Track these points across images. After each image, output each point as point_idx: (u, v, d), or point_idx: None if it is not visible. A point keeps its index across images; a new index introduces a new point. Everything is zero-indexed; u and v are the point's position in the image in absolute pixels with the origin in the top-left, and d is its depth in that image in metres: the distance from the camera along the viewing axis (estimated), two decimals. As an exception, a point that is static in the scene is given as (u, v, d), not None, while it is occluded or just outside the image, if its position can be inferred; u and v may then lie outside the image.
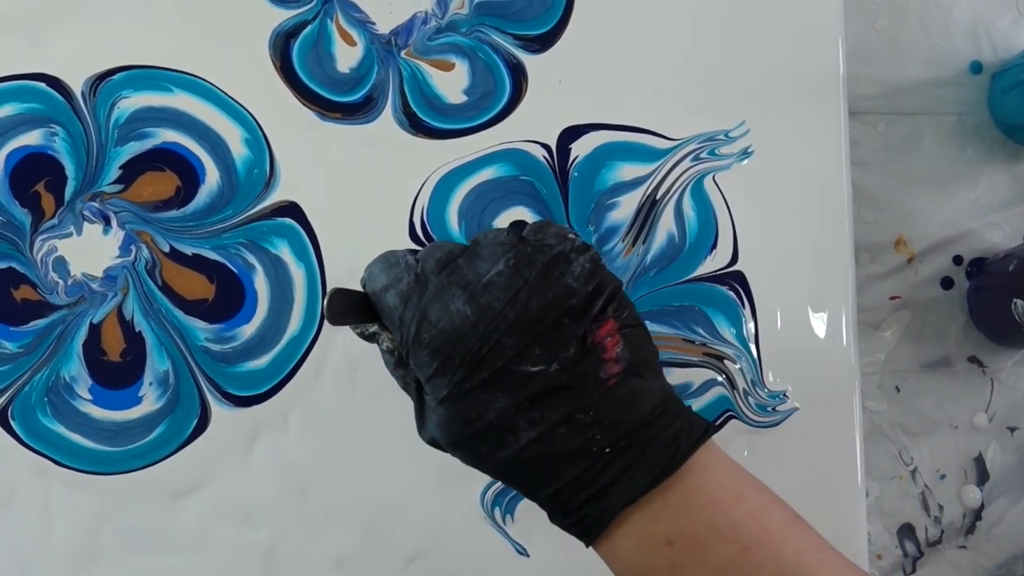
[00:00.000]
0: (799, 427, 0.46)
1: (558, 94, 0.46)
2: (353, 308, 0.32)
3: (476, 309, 0.29)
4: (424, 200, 0.46)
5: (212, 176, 0.45)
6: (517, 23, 0.46)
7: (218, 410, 0.44)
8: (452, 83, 0.46)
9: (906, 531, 0.55)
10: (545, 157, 0.46)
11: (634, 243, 0.46)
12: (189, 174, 0.45)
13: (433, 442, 0.32)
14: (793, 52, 0.47)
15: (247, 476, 0.44)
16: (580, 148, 0.46)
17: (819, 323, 0.47)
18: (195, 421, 0.44)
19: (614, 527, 0.30)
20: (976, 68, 0.55)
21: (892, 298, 0.55)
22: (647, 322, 0.46)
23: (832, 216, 0.47)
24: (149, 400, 0.44)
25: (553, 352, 0.29)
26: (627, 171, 0.46)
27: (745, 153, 0.47)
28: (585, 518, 0.30)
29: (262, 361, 0.45)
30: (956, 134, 0.55)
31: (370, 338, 0.34)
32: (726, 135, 0.47)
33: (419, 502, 0.45)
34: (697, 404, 0.46)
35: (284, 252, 0.45)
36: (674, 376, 0.46)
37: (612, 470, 0.29)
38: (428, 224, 0.45)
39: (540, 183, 0.46)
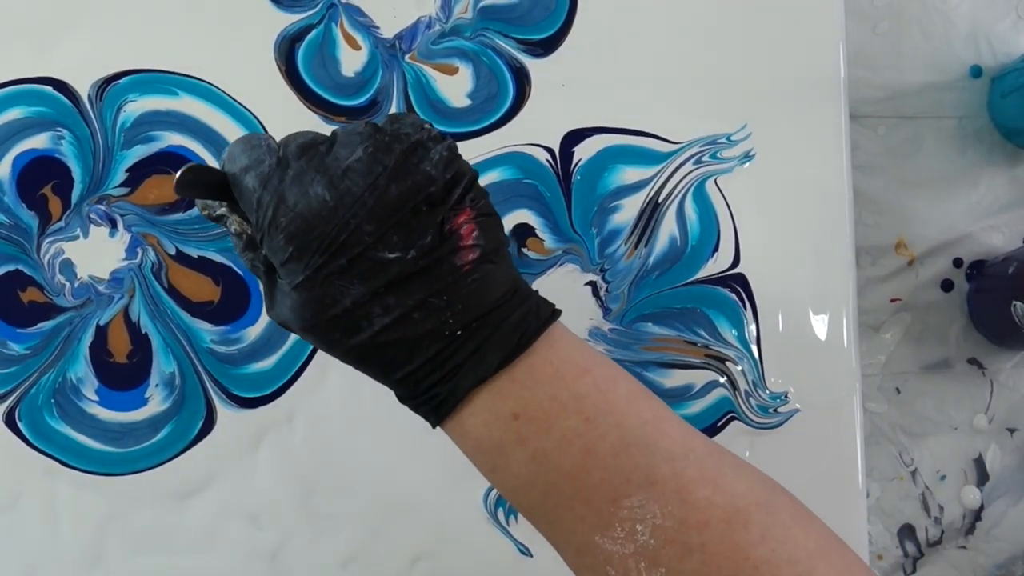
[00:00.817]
0: (800, 428, 0.46)
1: (561, 98, 0.47)
2: (204, 184, 0.31)
3: (335, 194, 0.29)
4: (428, 203, 0.46)
5: (218, 179, 0.45)
6: (520, 27, 0.47)
7: (224, 411, 0.45)
8: (456, 87, 0.46)
9: (906, 531, 0.55)
10: (548, 160, 0.46)
11: (636, 246, 0.47)
12: (195, 177, 0.45)
13: (284, 325, 0.32)
14: (794, 56, 0.48)
15: (253, 477, 0.45)
16: (583, 151, 0.47)
17: (820, 325, 0.47)
18: (201, 422, 0.45)
19: (463, 406, 0.30)
20: (976, 72, 0.56)
21: (892, 300, 0.56)
22: (649, 324, 0.47)
23: (833, 219, 0.47)
24: (155, 401, 0.45)
25: (411, 239, 0.29)
26: (630, 174, 0.47)
27: (747, 156, 0.47)
28: (435, 397, 0.30)
29: (267, 363, 0.45)
30: (956, 137, 0.55)
31: (218, 220, 0.33)
32: (728, 138, 0.47)
33: (423, 503, 0.45)
34: (699, 405, 0.46)
35: (289, 255, 0.45)
36: (676, 377, 0.46)
37: (463, 351, 0.30)
38: (432, 227, 0.46)
39: (543, 186, 0.46)
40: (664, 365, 0.46)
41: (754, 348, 0.47)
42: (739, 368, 0.47)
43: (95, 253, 0.45)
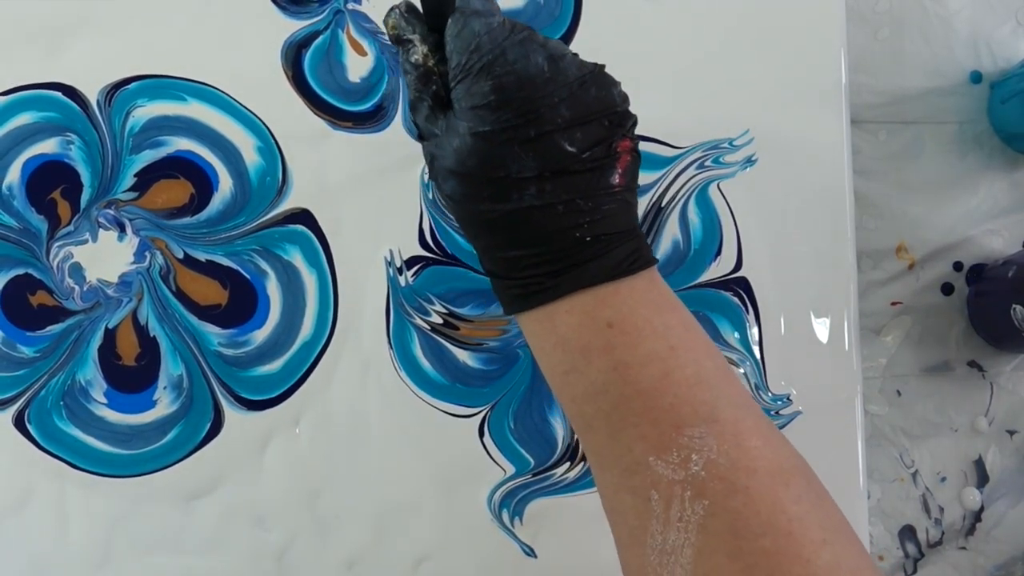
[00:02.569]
0: (802, 430, 0.47)
1: (565, 103, 0.47)
2: (431, 2, 0.32)
3: (554, 69, 0.30)
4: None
5: (225, 184, 0.45)
6: (525, 33, 0.47)
7: (231, 414, 0.45)
8: (461, 92, 0.47)
9: (907, 533, 0.55)
10: (552, 165, 0.47)
11: (640, 249, 0.47)
12: (203, 182, 0.45)
13: (433, 158, 0.33)
14: (796, 62, 0.48)
15: (259, 478, 0.45)
16: (587, 156, 0.47)
17: (822, 328, 0.47)
18: (208, 424, 0.45)
19: (560, 301, 0.32)
20: (976, 78, 0.56)
21: (893, 304, 0.56)
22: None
23: (834, 223, 0.48)
24: (163, 404, 0.45)
25: (588, 142, 0.31)
26: (633, 179, 0.47)
27: (749, 161, 0.48)
28: (536, 283, 0.32)
29: (274, 365, 0.45)
30: (956, 142, 0.56)
31: (399, 42, 0.33)
32: (730, 143, 0.48)
33: (428, 504, 0.46)
34: (702, 408, 0.47)
35: (296, 258, 0.46)
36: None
37: (583, 256, 0.31)
38: (437, 231, 0.46)
39: (547, 191, 0.46)
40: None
41: (756, 351, 0.47)
42: (741, 371, 0.47)
43: (104, 257, 0.45)
